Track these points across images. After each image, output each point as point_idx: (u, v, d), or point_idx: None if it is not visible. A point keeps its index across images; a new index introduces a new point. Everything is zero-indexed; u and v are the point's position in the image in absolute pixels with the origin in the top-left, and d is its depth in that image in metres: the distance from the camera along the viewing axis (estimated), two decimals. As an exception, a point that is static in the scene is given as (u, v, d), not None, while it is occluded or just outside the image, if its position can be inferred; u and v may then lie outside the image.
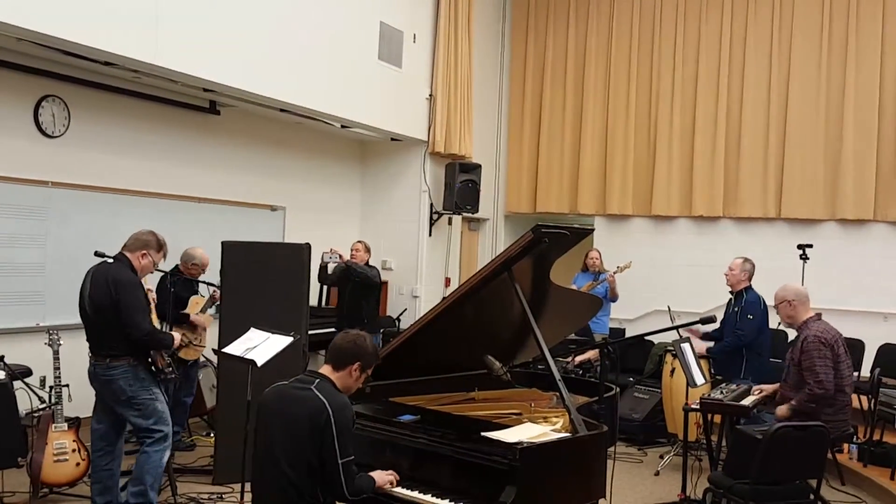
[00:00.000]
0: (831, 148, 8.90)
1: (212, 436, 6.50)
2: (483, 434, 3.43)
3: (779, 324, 5.75)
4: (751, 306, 6.33)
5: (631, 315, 9.46)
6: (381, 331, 7.97)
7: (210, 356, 6.72)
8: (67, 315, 5.59)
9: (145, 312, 4.57)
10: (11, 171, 6.06)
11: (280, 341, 4.60)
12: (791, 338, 6.44)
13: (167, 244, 4.83)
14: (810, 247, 7.94)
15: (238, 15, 6.64)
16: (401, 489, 3.45)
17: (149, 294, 4.82)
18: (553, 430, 3.62)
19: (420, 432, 3.58)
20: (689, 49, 9.64)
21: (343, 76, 7.88)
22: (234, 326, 5.12)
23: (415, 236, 9.35)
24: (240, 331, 4.85)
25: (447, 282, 9.71)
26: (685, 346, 5.71)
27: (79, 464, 5.01)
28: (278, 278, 5.79)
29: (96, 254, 4.72)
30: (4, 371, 4.92)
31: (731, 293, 6.61)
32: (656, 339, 8.04)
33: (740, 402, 5.37)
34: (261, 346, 4.59)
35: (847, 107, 8.81)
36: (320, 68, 7.59)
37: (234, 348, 4.67)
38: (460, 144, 9.38)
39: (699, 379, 5.60)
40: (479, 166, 9.47)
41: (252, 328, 4.81)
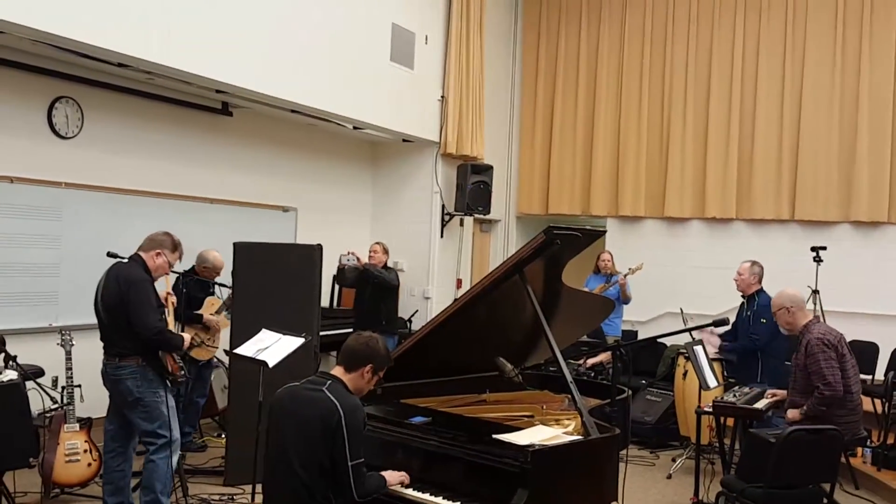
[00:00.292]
0: (845, 149, 8.84)
1: (223, 437, 6.52)
2: (494, 436, 3.42)
3: None
4: (763, 310, 6.25)
5: (643, 317, 9.42)
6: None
7: (222, 357, 6.73)
8: (80, 315, 5.63)
9: (156, 311, 4.54)
10: (25, 172, 6.09)
11: (292, 342, 4.60)
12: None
13: (182, 245, 4.83)
14: (824, 249, 7.87)
15: (251, 16, 6.65)
16: (412, 491, 3.44)
17: (168, 297, 4.81)
18: (565, 433, 3.60)
19: (431, 434, 3.58)
20: (701, 50, 9.58)
21: (355, 77, 7.89)
22: (246, 327, 5.14)
23: (426, 237, 9.34)
24: (251, 332, 4.86)
25: (459, 283, 9.69)
26: (698, 349, 5.69)
27: (90, 464, 5.02)
28: (290, 279, 5.79)
29: (109, 254, 4.73)
30: (17, 371, 4.93)
31: (743, 297, 6.57)
32: (669, 341, 7.99)
33: (753, 406, 5.34)
34: (272, 347, 4.59)
35: (861, 107, 8.74)
36: (332, 69, 7.60)
37: (246, 349, 4.67)
38: (472, 145, 9.37)
39: (712, 382, 5.58)
40: (490, 167, 9.46)
41: (264, 329, 4.81)
